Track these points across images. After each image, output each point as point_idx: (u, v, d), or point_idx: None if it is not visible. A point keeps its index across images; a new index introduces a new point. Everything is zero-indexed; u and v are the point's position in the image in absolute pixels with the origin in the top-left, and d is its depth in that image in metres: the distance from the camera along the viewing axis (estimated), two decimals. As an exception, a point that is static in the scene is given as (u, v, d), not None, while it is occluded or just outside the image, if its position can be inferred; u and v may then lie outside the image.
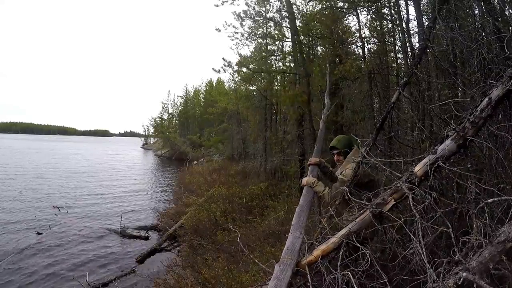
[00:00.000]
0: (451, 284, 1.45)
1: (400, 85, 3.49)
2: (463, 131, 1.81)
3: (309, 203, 2.37)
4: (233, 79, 14.53)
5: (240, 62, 9.23)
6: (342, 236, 1.96)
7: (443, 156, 1.85)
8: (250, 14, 7.74)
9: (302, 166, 7.77)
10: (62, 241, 6.61)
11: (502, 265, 1.48)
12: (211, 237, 5.88)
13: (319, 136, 3.95)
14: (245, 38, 8.27)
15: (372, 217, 1.93)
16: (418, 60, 3.54)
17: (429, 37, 3.45)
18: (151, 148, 45.88)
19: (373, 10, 7.02)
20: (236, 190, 8.40)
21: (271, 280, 1.77)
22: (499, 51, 2.49)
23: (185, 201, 8.99)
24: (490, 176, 2.18)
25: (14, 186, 12.39)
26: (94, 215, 8.79)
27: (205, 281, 4.17)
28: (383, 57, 6.90)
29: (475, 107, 1.85)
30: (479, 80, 2.51)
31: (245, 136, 15.44)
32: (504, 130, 1.99)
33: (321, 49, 8.75)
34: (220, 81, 30.98)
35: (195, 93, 39.72)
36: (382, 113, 3.75)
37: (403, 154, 3.69)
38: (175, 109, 40.46)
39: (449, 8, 3.40)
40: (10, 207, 9.15)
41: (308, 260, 1.93)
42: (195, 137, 30.66)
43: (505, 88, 1.74)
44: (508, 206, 1.71)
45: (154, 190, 13.45)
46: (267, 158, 10.89)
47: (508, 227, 1.48)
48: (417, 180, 1.88)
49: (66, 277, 5.08)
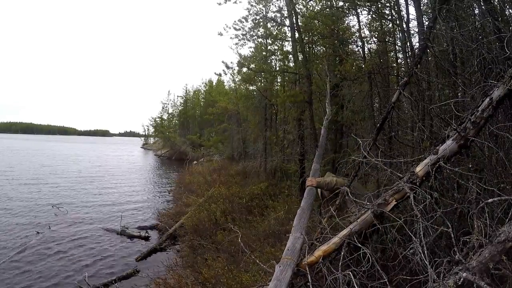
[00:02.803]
0: (451, 284, 1.45)
1: (400, 85, 3.49)
2: (464, 131, 1.81)
3: (310, 206, 2.38)
4: (233, 79, 14.52)
5: (240, 62, 9.22)
6: (344, 236, 1.96)
7: (444, 156, 1.85)
8: (251, 13, 7.74)
9: (302, 166, 7.76)
10: (61, 241, 6.61)
11: (502, 265, 1.48)
12: (211, 237, 5.88)
13: (320, 142, 3.97)
14: (246, 39, 8.26)
15: (374, 217, 1.93)
16: (418, 60, 3.54)
17: (429, 37, 3.45)
18: (151, 148, 45.86)
19: (373, 10, 7.02)
20: (236, 190, 8.40)
21: (271, 280, 1.77)
22: (499, 51, 2.49)
23: (185, 201, 8.98)
24: (491, 176, 2.18)
25: (14, 186, 12.38)
26: (94, 215, 8.79)
27: (205, 281, 4.17)
28: (383, 57, 6.90)
29: (476, 107, 1.85)
30: (480, 80, 2.51)
31: (245, 136, 15.43)
32: (504, 130, 1.99)
33: (321, 49, 8.74)
34: (220, 81, 30.95)
35: (195, 93, 39.67)
36: (382, 113, 3.76)
37: (403, 154, 3.69)
38: (175, 109, 40.46)
39: (449, 8, 3.40)
40: (10, 207, 9.14)
41: (309, 260, 1.93)
42: (195, 137, 30.63)
43: (506, 88, 1.74)
44: (508, 206, 1.71)
45: (154, 190, 13.44)
46: (267, 158, 10.89)
47: (508, 227, 1.48)
48: (418, 180, 1.88)
49: (66, 277, 5.07)
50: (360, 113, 7.06)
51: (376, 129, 3.45)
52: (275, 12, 7.97)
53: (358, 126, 7.49)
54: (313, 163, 3.49)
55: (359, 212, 2.02)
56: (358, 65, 7.22)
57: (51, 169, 18.55)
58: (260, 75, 10.13)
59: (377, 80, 6.49)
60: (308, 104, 7.54)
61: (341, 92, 7.64)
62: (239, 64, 9.23)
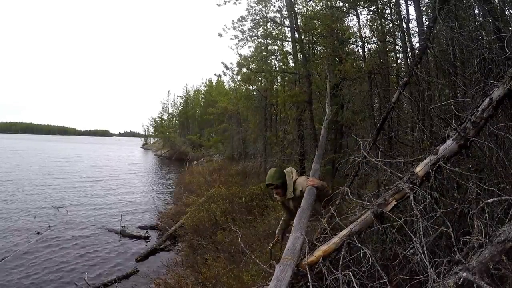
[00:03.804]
0: (451, 284, 1.45)
1: (400, 85, 3.49)
2: (464, 131, 1.81)
3: (310, 206, 2.38)
4: (233, 79, 14.53)
5: (240, 63, 9.22)
6: (344, 236, 1.96)
7: (444, 156, 1.85)
8: (251, 13, 7.74)
9: (302, 166, 7.76)
10: (61, 241, 6.61)
11: (502, 265, 1.48)
12: (211, 237, 5.87)
13: (320, 142, 3.97)
14: (246, 39, 8.26)
15: (374, 217, 1.93)
16: (418, 60, 3.54)
17: (429, 37, 3.45)
18: (151, 148, 45.86)
19: (373, 10, 7.01)
20: (236, 190, 8.39)
21: (271, 280, 1.77)
22: (499, 51, 2.49)
23: (185, 201, 8.98)
24: (491, 176, 2.18)
25: (14, 186, 12.38)
26: (94, 215, 8.79)
27: (205, 281, 4.17)
28: (383, 57, 6.90)
29: (476, 107, 1.85)
30: (480, 80, 2.52)
31: (245, 136, 15.43)
32: (504, 130, 1.99)
33: (321, 49, 8.75)
34: (220, 81, 30.91)
35: (195, 93, 39.66)
36: (382, 113, 3.76)
37: (403, 154, 3.69)
38: (175, 109, 40.47)
39: (449, 8, 3.40)
40: (10, 207, 9.14)
41: (309, 260, 1.93)
42: (195, 137, 30.61)
43: (506, 88, 1.74)
44: (508, 206, 1.71)
45: (154, 190, 13.45)
46: (267, 158, 10.89)
47: (508, 227, 1.49)
48: (418, 180, 1.88)
49: (66, 277, 5.07)
50: (360, 113, 7.06)
51: (376, 129, 3.45)
52: (275, 12, 7.97)
53: (358, 126, 7.49)
54: (313, 163, 3.49)
55: (359, 212, 2.02)
56: (358, 65, 7.22)
57: (51, 169, 18.56)
58: (260, 75, 10.13)
59: (377, 80, 6.49)
60: (308, 104, 7.54)
61: (341, 92, 7.64)
62: (239, 65, 9.23)
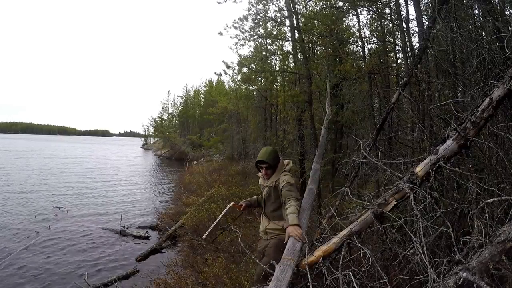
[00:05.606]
0: (451, 284, 1.45)
1: (400, 85, 3.49)
2: (464, 131, 1.81)
3: (310, 206, 2.38)
4: (233, 79, 14.54)
5: (241, 62, 9.22)
6: (344, 236, 1.96)
7: (444, 156, 1.85)
8: (252, 13, 7.74)
9: (302, 166, 7.77)
10: (61, 241, 6.60)
11: (502, 265, 1.48)
12: (211, 237, 5.87)
13: (321, 142, 3.97)
14: (246, 38, 8.26)
15: (374, 217, 1.93)
16: (418, 60, 3.55)
17: (429, 37, 3.45)
18: (151, 148, 45.86)
19: (373, 10, 7.01)
20: (236, 190, 8.39)
21: (271, 280, 1.77)
22: (499, 51, 2.49)
23: (185, 201, 8.98)
24: (491, 176, 2.18)
25: (14, 186, 12.38)
26: (94, 215, 8.78)
27: (205, 281, 4.17)
28: (383, 57, 6.90)
29: (476, 107, 1.86)
30: (479, 80, 2.52)
31: (245, 136, 15.43)
32: (504, 130, 1.99)
33: (321, 49, 8.74)
34: (220, 81, 30.96)
35: (195, 93, 39.65)
36: (382, 113, 3.76)
37: (403, 154, 3.69)
38: (175, 109, 40.48)
39: (449, 8, 3.40)
40: (10, 207, 9.14)
41: (309, 260, 1.93)
42: (195, 137, 30.62)
43: (506, 88, 1.74)
44: (508, 206, 1.71)
45: (154, 190, 13.44)
46: (267, 158, 10.86)
47: (508, 227, 1.49)
48: (418, 180, 1.88)
49: (66, 277, 5.07)
50: (360, 113, 7.07)
51: (376, 130, 3.45)
52: (275, 12, 7.97)
53: (358, 126, 7.50)
54: (313, 163, 3.49)
55: (359, 212, 2.02)
56: (358, 65, 7.22)
57: (51, 169, 18.55)
58: (260, 75, 10.13)
59: (377, 80, 6.49)
60: (308, 104, 7.54)
61: (341, 92, 7.65)
62: (239, 64, 9.23)
